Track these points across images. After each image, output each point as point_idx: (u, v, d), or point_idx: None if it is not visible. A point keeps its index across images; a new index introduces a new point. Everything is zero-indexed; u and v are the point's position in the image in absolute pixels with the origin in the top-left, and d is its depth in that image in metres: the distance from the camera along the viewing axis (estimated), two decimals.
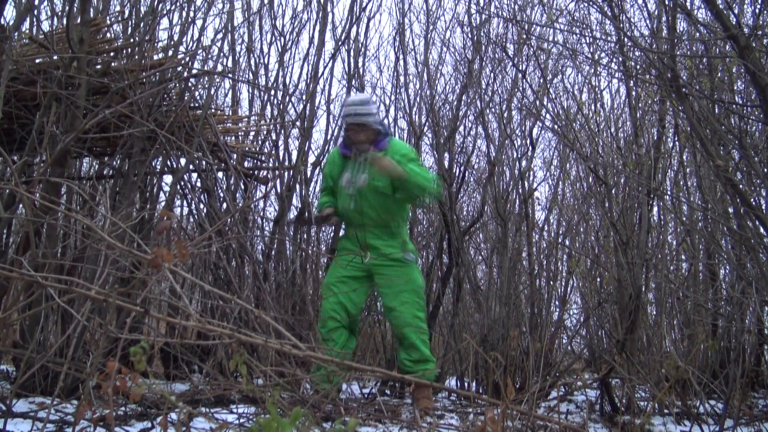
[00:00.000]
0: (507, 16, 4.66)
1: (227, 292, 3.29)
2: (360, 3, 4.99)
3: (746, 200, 2.55)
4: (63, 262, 2.70)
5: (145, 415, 2.23)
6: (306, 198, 4.54)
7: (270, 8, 4.99)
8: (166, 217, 1.62)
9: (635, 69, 3.65)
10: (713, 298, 3.91)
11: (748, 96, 3.19)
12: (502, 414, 1.39)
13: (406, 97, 5.18)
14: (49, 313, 2.75)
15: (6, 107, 2.81)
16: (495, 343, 3.90)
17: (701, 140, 2.66)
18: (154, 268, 1.24)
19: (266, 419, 0.95)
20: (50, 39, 3.01)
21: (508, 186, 4.72)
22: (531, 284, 4.27)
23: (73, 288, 1.37)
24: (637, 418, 2.93)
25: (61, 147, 2.45)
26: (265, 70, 4.94)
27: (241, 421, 2.15)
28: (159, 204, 3.75)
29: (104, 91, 3.00)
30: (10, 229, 3.46)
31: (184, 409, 1.12)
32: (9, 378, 3.06)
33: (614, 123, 4.71)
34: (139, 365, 1.11)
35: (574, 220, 4.91)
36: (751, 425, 2.78)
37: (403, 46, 5.24)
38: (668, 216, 4.55)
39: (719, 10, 2.34)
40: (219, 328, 1.29)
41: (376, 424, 2.44)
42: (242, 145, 4.02)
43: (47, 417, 1.52)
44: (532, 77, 4.89)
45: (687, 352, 3.76)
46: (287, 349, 1.28)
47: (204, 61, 4.32)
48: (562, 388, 3.88)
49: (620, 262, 3.60)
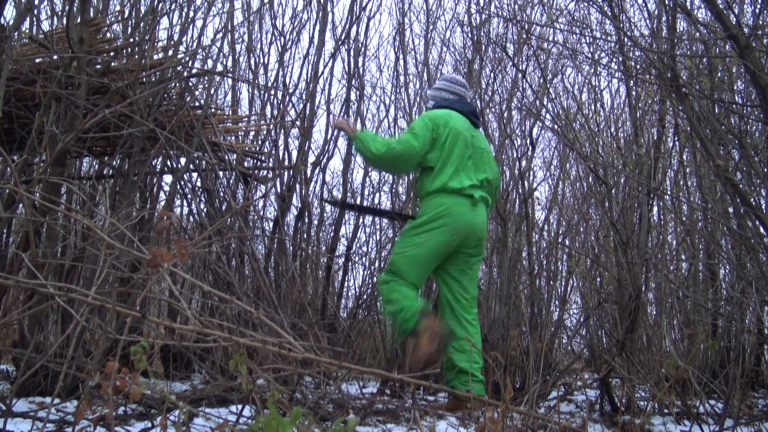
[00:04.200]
0: (507, 16, 4.66)
1: (227, 292, 3.29)
2: (360, 3, 4.99)
3: (746, 200, 2.55)
4: (63, 261, 2.70)
5: (145, 415, 2.23)
6: (306, 198, 4.55)
7: (270, 8, 4.99)
8: (166, 216, 1.62)
9: (635, 69, 3.65)
10: (713, 298, 3.91)
11: (748, 96, 3.19)
12: (502, 414, 1.39)
13: (406, 97, 5.19)
14: (49, 312, 2.75)
15: (6, 107, 2.81)
16: (495, 343, 3.90)
17: (701, 140, 2.66)
18: (154, 268, 1.24)
19: (266, 418, 0.95)
20: (50, 39, 3.01)
21: (508, 186, 4.72)
22: (531, 284, 4.27)
23: (71, 294, 1.37)
24: (637, 417, 2.94)
25: (60, 147, 2.45)
26: (265, 69, 4.95)
27: (241, 421, 2.16)
28: (159, 204, 3.75)
29: (104, 90, 3.00)
30: (10, 229, 3.46)
31: (184, 408, 1.12)
32: (9, 378, 3.06)
33: (614, 123, 4.72)
34: (139, 364, 1.11)
35: (574, 220, 4.91)
36: (751, 425, 2.78)
37: (403, 46, 5.25)
38: (668, 216, 4.55)
39: (719, 10, 2.34)
40: (217, 330, 1.29)
41: (376, 424, 2.44)
42: (242, 145, 4.02)
43: (47, 417, 1.52)
44: (532, 77, 4.90)
45: (687, 352, 3.76)
46: (285, 351, 1.28)
47: (204, 60, 4.33)
48: (562, 388, 3.88)
49: (620, 262, 3.60)
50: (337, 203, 4.54)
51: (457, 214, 3.02)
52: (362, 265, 5.19)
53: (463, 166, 3.09)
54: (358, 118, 5.21)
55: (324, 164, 5.02)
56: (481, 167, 3.16)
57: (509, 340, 3.76)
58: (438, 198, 3.05)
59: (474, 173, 3.12)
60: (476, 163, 3.14)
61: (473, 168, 3.12)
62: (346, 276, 5.09)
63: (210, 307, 3.27)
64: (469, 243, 3.06)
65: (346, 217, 5.04)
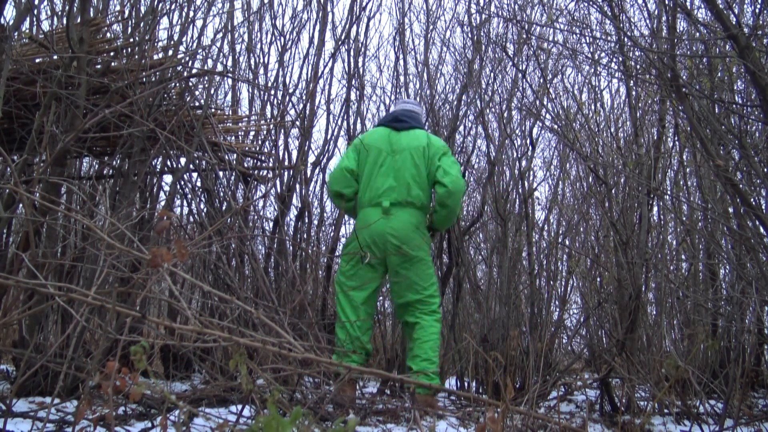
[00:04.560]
0: (507, 16, 4.66)
1: (227, 292, 3.29)
2: (360, 3, 4.99)
3: (746, 200, 2.55)
4: (63, 261, 2.70)
5: (145, 415, 2.23)
6: (306, 198, 4.55)
7: (270, 8, 4.99)
8: (166, 216, 1.62)
9: (635, 69, 3.65)
10: (713, 298, 3.91)
11: (748, 96, 3.20)
12: (502, 414, 1.39)
13: (406, 97, 5.18)
14: (49, 312, 2.75)
15: (6, 107, 2.81)
16: (495, 343, 3.90)
17: (701, 140, 2.66)
18: (154, 268, 1.24)
19: (266, 418, 0.95)
20: (50, 39, 3.00)
21: (508, 186, 4.72)
22: (531, 284, 4.27)
23: (71, 294, 1.37)
24: (637, 417, 2.94)
25: (60, 147, 2.45)
26: (265, 69, 4.95)
27: (241, 421, 2.15)
28: (159, 204, 3.75)
29: (104, 90, 3.00)
30: (10, 229, 3.46)
31: (184, 408, 1.12)
32: (9, 378, 3.06)
33: (614, 123, 4.71)
34: (139, 364, 1.11)
35: (574, 220, 4.91)
36: (751, 425, 2.78)
37: (403, 46, 5.25)
38: (668, 216, 4.55)
39: (719, 9, 2.34)
40: (217, 330, 1.29)
41: (376, 424, 2.44)
42: (242, 145, 4.02)
43: (47, 417, 1.52)
44: (532, 77, 4.89)
45: (687, 352, 3.76)
46: (285, 351, 1.28)
47: (204, 60, 4.33)
48: (562, 388, 3.88)
49: (620, 262, 3.60)
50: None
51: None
52: None
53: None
54: (358, 118, 5.21)
55: (324, 164, 5.02)
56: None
57: (509, 340, 3.76)
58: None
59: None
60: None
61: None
62: None
63: (210, 307, 3.27)
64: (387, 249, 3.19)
65: (346, 216, 5.04)
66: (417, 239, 3.15)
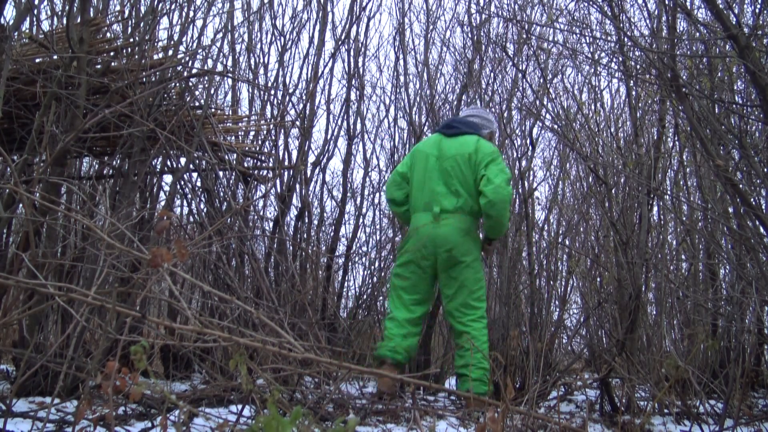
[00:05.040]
0: (507, 16, 4.66)
1: (227, 292, 3.29)
2: (360, 3, 5.00)
3: (746, 200, 2.55)
4: (63, 261, 2.70)
5: (145, 415, 2.23)
6: (306, 198, 4.55)
7: (270, 8, 4.99)
8: (166, 216, 1.62)
9: (635, 69, 3.65)
10: (713, 298, 3.91)
11: (748, 96, 3.19)
12: (502, 414, 1.39)
13: (406, 97, 5.19)
14: (49, 312, 2.75)
15: (6, 107, 2.81)
16: (495, 342, 3.90)
17: (701, 140, 2.66)
18: (154, 268, 1.24)
19: (266, 418, 0.95)
20: (50, 39, 3.00)
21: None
22: (531, 284, 4.27)
23: (71, 294, 1.37)
24: (637, 417, 2.94)
25: (60, 147, 2.45)
26: (265, 69, 4.95)
27: (241, 421, 2.15)
28: (159, 204, 3.75)
29: (104, 90, 3.00)
30: (10, 228, 3.46)
31: (184, 408, 1.12)
32: (9, 378, 3.06)
33: (614, 123, 4.71)
34: (139, 364, 1.11)
35: (574, 219, 4.91)
36: (751, 425, 2.78)
37: (403, 46, 5.25)
38: (668, 216, 4.55)
39: (719, 9, 2.34)
40: (217, 330, 1.29)
41: (376, 424, 2.44)
42: (242, 145, 4.02)
43: (47, 417, 1.52)
44: (532, 77, 4.90)
45: (687, 352, 3.76)
46: (285, 351, 1.28)
47: (204, 60, 4.32)
48: (562, 388, 3.88)
49: (620, 262, 3.60)
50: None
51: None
52: (362, 265, 5.20)
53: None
54: (358, 117, 5.21)
55: (324, 164, 5.03)
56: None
57: (509, 340, 3.76)
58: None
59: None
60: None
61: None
62: (346, 276, 5.10)
63: (210, 307, 3.27)
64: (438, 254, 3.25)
65: (346, 216, 5.05)
66: (466, 244, 3.20)
